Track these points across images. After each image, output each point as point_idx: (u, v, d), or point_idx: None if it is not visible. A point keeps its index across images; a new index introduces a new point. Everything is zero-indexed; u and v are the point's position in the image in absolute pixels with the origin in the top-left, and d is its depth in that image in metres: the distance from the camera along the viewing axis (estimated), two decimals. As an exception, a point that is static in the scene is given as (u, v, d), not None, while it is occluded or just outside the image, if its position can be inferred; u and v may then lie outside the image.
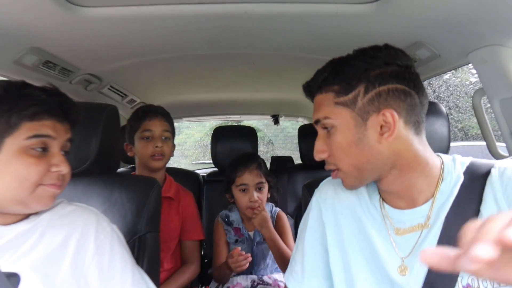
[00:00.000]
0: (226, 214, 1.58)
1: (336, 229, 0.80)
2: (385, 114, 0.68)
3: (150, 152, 1.42)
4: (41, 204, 0.72)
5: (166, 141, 1.48)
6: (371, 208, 0.78)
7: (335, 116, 0.72)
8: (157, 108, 1.50)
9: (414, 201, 0.73)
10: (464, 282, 0.66)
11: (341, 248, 0.79)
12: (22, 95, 0.70)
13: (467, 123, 11.41)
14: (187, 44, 1.34)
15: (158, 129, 1.45)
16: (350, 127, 0.71)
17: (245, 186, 1.46)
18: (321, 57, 1.39)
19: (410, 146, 0.70)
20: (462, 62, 1.27)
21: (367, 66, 0.70)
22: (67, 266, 0.72)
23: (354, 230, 0.78)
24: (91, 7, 0.99)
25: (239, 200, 1.48)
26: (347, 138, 0.71)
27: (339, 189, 0.83)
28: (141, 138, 1.44)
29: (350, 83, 0.70)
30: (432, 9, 1.00)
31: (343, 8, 1.05)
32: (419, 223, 0.72)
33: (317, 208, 0.85)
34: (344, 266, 0.78)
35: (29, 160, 0.68)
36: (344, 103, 0.71)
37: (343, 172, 0.74)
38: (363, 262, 0.75)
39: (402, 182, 0.72)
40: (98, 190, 1.01)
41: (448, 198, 0.71)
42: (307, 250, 0.84)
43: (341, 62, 0.74)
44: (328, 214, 0.82)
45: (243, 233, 1.55)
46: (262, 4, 1.05)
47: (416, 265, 0.70)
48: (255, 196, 1.45)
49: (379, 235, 0.75)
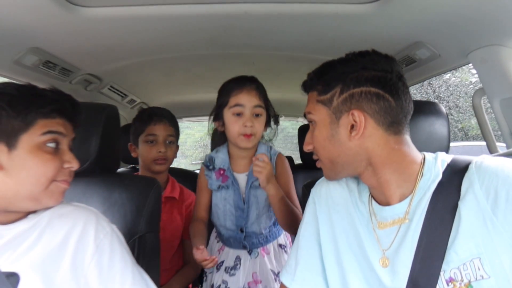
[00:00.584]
0: (211, 157, 1.33)
1: (329, 225, 0.84)
2: (354, 114, 0.75)
3: (154, 156, 1.43)
4: (53, 200, 0.75)
5: (170, 145, 1.49)
6: (359, 205, 0.82)
7: (316, 112, 0.80)
8: (163, 112, 1.49)
9: (391, 197, 0.76)
10: (447, 276, 0.68)
11: (334, 243, 0.82)
12: (36, 95, 0.75)
13: (467, 123, 11.41)
14: (187, 44, 1.34)
15: (163, 133, 1.45)
16: (325, 124, 0.78)
17: (240, 108, 1.19)
18: (321, 57, 1.39)
19: (384, 145, 0.75)
20: (462, 62, 1.27)
21: (345, 69, 0.77)
22: (67, 266, 0.72)
23: (345, 226, 0.82)
24: (91, 7, 0.99)
25: (231, 125, 1.21)
26: (322, 134, 0.79)
27: (332, 186, 0.88)
28: (145, 141, 1.45)
29: (329, 84, 0.78)
30: (432, 9, 1.00)
31: (343, 8, 1.05)
32: (399, 217, 0.75)
33: (312, 204, 0.89)
34: (336, 261, 0.80)
35: (45, 157, 0.72)
36: (323, 102, 0.79)
37: (322, 164, 0.83)
38: (353, 257, 0.78)
39: (377, 179, 0.77)
40: (98, 190, 1.01)
41: (425, 193, 0.74)
42: (301, 245, 0.87)
43: (327, 65, 0.81)
44: (321, 210, 0.87)
45: (228, 175, 1.28)
46: (262, 4, 1.05)
47: (396, 257, 0.73)
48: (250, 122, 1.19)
49: (365, 230, 0.79)
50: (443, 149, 1.06)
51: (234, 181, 1.27)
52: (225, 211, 1.28)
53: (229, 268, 1.28)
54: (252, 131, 1.20)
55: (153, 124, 1.44)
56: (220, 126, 1.27)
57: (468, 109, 11.31)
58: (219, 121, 1.27)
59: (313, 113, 0.81)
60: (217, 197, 1.29)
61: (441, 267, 0.68)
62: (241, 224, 1.27)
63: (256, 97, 1.21)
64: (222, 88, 1.27)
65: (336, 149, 0.77)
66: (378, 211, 0.79)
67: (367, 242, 0.77)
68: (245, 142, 1.21)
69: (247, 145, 1.22)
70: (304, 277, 0.84)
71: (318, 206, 0.88)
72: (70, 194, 0.98)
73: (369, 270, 0.76)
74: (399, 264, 0.72)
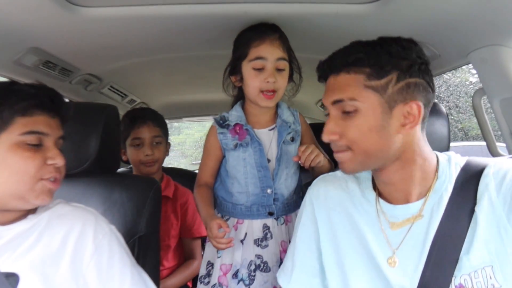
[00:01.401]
0: (223, 116, 1.19)
1: (329, 226, 0.82)
2: (412, 106, 0.70)
3: (141, 159, 1.42)
4: (40, 200, 0.72)
5: (158, 146, 1.46)
6: (364, 203, 0.79)
7: (363, 99, 0.70)
8: (146, 113, 1.46)
9: (409, 195, 0.74)
10: (457, 282, 0.67)
11: (334, 245, 0.80)
12: (12, 91, 0.72)
13: (467, 123, 11.41)
14: (187, 44, 1.34)
15: (147, 135, 1.43)
16: (375, 113, 0.69)
17: (262, 61, 1.06)
18: (321, 57, 1.38)
19: (418, 141, 0.73)
20: (462, 62, 1.27)
21: (403, 54, 0.70)
22: (66, 266, 0.72)
23: (346, 226, 0.79)
24: (91, 7, 0.99)
25: (250, 80, 1.08)
26: (369, 123, 0.70)
27: (330, 186, 0.85)
28: (132, 145, 1.44)
29: (384, 68, 0.69)
30: (432, 9, 1.00)
31: (343, 8, 1.05)
32: (412, 215, 0.73)
33: (310, 205, 0.86)
34: (337, 262, 0.79)
35: (25, 154, 0.69)
36: (374, 88, 0.69)
37: (353, 155, 0.73)
38: (356, 257, 0.76)
39: (401, 174, 0.73)
40: (98, 190, 1.01)
41: (442, 196, 0.73)
42: (298, 247, 0.85)
43: (375, 45, 0.72)
44: (320, 211, 0.84)
45: (246, 128, 1.13)
46: (262, 4, 1.05)
47: (405, 256, 0.72)
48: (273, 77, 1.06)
49: (371, 229, 0.76)
50: (443, 149, 1.06)
51: (253, 136, 1.13)
52: (246, 173, 1.13)
53: (259, 240, 1.14)
54: (275, 87, 1.07)
55: (136, 127, 1.42)
56: (238, 81, 1.14)
57: (468, 109, 11.30)
58: (236, 76, 1.13)
59: (358, 99, 0.70)
60: (234, 157, 1.14)
61: (453, 273, 0.66)
62: (269, 184, 1.13)
63: (279, 48, 1.07)
64: (240, 37, 1.13)
65: (383, 141, 0.70)
66: (388, 210, 0.76)
67: (373, 241, 0.75)
68: (265, 101, 1.09)
69: (268, 104, 1.11)
70: (301, 279, 0.83)
71: (316, 207, 0.85)
72: (70, 194, 0.98)
73: (375, 271, 0.74)
74: (409, 263, 0.71)
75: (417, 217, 0.73)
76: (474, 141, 8.33)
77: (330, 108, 0.75)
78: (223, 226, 0.99)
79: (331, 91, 0.74)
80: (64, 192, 0.79)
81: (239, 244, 1.14)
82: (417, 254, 0.71)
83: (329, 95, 0.74)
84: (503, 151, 1.21)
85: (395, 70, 0.69)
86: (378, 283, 0.73)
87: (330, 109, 0.75)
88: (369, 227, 0.77)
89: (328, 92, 0.75)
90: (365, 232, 0.76)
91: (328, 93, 0.74)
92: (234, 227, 1.17)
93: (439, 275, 0.67)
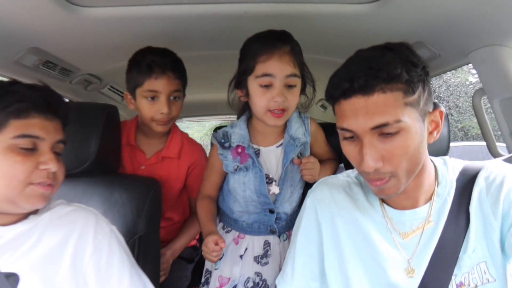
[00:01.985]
0: (225, 132, 1.10)
1: (333, 230, 0.80)
2: (436, 114, 0.70)
3: (154, 116, 1.17)
4: (30, 204, 0.70)
5: (175, 101, 1.21)
6: (369, 209, 0.78)
7: (407, 117, 0.63)
8: (166, 61, 1.15)
9: (417, 201, 0.74)
10: (458, 280, 0.68)
11: (337, 249, 0.78)
12: (8, 92, 0.69)
13: (467, 123, 11.40)
14: (187, 44, 1.34)
15: (166, 90, 1.16)
16: (417, 129, 0.65)
17: (269, 78, 0.96)
18: (321, 57, 1.38)
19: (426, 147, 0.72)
20: (462, 62, 1.27)
21: (420, 62, 0.65)
22: (66, 266, 0.72)
23: (351, 231, 0.78)
24: (91, 7, 0.99)
25: (257, 97, 0.98)
26: (414, 141, 0.64)
27: (334, 190, 0.83)
28: (144, 96, 1.17)
29: (413, 81, 0.64)
30: (432, 9, 1.00)
31: (343, 8, 1.05)
32: (421, 222, 0.73)
33: (312, 209, 0.84)
34: (340, 267, 0.77)
35: (15, 158, 0.67)
36: (411, 104, 0.64)
37: (397, 180, 0.67)
38: (360, 263, 0.75)
39: (415, 182, 0.72)
40: (98, 190, 1.01)
41: (446, 200, 0.73)
42: (298, 252, 0.83)
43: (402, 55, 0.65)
44: (324, 215, 0.82)
45: (248, 153, 1.05)
46: (262, 4, 1.05)
47: (420, 265, 0.71)
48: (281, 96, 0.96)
49: (381, 236, 0.75)
50: (443, 149, 1.06)
51: (255, 161, 1.05)
52: (246, 196, 1.08)
53: (259, 257, 1.10)
54: (284, 106, 0.97)
55: (154, 78, 1.14)
56: (244, 95, 1.04)
57: (468, 109, 11.30)
58: (242, 90, 1.03)
59: (403, 119, 0.62)
60: (235, 180, 1.08)
61: (453, 271, 0.68)
62: (270, 207, 1.08)
63: (290, 63, 0.96)
64: (246, 48, 1.02)
65: (421, 156, 0.67)
66: (394, 216, 0.75)
67: (384, 250, 0.74)
68: (273, 120, 0.99)
69: (277, 123, 1.01)
70: (301, 284, 0.82)
71: (320, 211, 0.82)
72: (70, 194, 0.98)
73: (383, 278, 0.73)
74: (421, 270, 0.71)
75: (427, 223, 0.73)
76: (474, 141, 8.33)
77: (365, 133, 0.65)
78: (219, 242, 0.95)
79: (365, 115, 0.63)
80: (65, 192, 0.79)
81: (238, 259, 1.11)
82: (427, 258, 0.71)
83: (363, 120, 0.64)
84: (503, 151, 1.21)
85: (421, 81, 0.65)
86: None
87: (364, 134, 0.65)
88: (378, 233, 0.75)
89: (359, 117, 0.64)
90: (373, 238, 0.75)
91: (360, 117, 0.64)
92: (234, 241, 1.14)
93: (440, 275, 0.68)
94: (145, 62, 1.13)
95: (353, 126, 0.65)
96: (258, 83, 0.97)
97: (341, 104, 0.67)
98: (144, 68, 1.13)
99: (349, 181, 0.84)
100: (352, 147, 0.68)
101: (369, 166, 0.64)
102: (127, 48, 1.17)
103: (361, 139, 0.65)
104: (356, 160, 0.68)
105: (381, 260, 0.73)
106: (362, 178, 0.82)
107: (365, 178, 0.70)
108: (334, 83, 0.67)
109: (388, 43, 0.67)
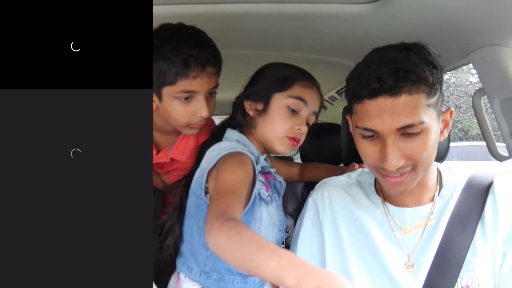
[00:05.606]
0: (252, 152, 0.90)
1: (334, 229, 0.81)
2: (447, 114, 0.73)
3: (190, 119, 0.94)
4: None
5: (212, 97, 0.98)
6: (370, 207, 0.79)
7: (429, 118, 0.66)
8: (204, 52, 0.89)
9: (421, 199, 0.76)
10: (464, 283, 0.68)
11: (339, 249, 0.79)
12: None
13: (467, 123, 11.41)
14: (187, 44, 1.34)
15: (206, 88, 0.92)
16: (435, 128, 0.69)
17: (303, 104, 0.90)
18: (321, 57, 1.38)
19: None
20: (462, 62, 1.27)
21: (440, 66, 0.70)
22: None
23: (351, 230, 0.79)
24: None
25: (281, 119, 0.89)
26: (433, 140, 0.68)
27: (335, 190, 0.84)
28: (177, 98, 0.91)
29: (436, 83, 0.67)
30: (432, 9, 1.00)
31: (343, 8, 1.05)
32: (423, 220, 0.74)
33: (314, 208, 0.85)
34: (341, 266, 0.78)
35: None
36: (432, 105, 0.67)
37: (415, 174, 0.69)
38: (361, 261, 0.76)
39: (422, 180, 0.74)
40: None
41: (448, 202, 0.75)
42: (300, 251, 0.84)
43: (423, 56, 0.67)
44: (325, 214, 0.83)
45: (271, 181, 0.93)
46: (262, 4, 1.05)
47: (421, 260, 0.72)
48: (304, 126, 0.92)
49: (382, 233, 0.76)
50: (443, 149, 1.06)
51: (276, 189, 0.94)
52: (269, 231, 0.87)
53: None
54: (302, 137, 0.93)
55: (191, 77, 0.88)
56: (256, 111, 0.92)
57: (468, 109, 11.30)
58: (258, 104, 0.92)
59: (426, 120, 0.65)
60: (263, 210, 0.86)
61: (459, 274, 0.67)
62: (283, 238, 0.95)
63: (318, 104, 0.95)
64: (279, 66, 0.98)
65: (435, 153, 0.71)
66: (396, 213, 0.76)
67: (384, 246, 0.75)
68: (288, 147, 0.91)
69: (286, 151, 0.94)
70: None
71: (321, 210, 0.83)
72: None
73: (384, 275, 0.73)
74: (422, 267, 0.72)
75: (429, 221, 0.74)
76: (474, 141, 8.34)
77: (389, 134, 0.65)
78: None
79: (392, 116, 0.64)
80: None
81: None
82: (430, 257, 0.72)
83: (389, 121, 0.64)
84: (503, 151, 1.21)
85: (440, 82, 0.68)
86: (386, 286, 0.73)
87: (389, 135, 0.66)
88: (379, 230, 0.76)
89: (385, 118, 0.64)
90: (374, 235, 0.76)
91: (386, 118, 0.64)
92: None
93: (445, 276, 0.68)
94: (180, 57, 0.86)
95: (378, 126, 0.66)
96: (288, 104, 0.89)
97: (365, 104, 0.66)
98: (179, 64, 0.86)
99: (349, 182, 0.86)
100: (371, 146, 0.69)
101: (393, 165, 0.66)
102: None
103: (384, 139, 0.66)
104: (374, 159, 0.69)
105: (382, 258, 0.74)
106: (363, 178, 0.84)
107: (380, 173, 0.71)
108: (362, 82, 0.66)
109: (404, 42, 0.69)
